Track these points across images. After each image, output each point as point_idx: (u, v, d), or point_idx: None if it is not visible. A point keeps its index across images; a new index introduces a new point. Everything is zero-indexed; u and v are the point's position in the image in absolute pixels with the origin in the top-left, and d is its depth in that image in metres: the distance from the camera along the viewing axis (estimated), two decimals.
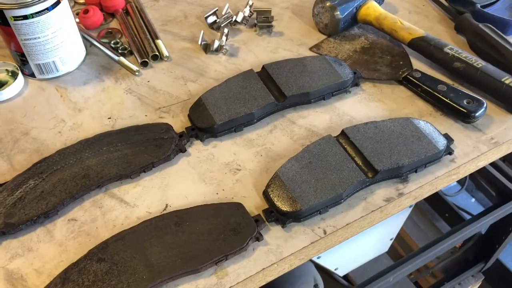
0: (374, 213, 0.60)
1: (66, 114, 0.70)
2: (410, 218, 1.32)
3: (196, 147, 0.66)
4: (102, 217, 0.59)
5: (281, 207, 0.57)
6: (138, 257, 0.53)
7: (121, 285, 0.51)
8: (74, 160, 0.62)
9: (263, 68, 0.73)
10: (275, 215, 0.58)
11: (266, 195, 0.59)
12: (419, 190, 0.63)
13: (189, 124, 0.68)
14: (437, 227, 1.48)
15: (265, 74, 0.72)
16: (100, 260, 0.53)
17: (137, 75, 0.76)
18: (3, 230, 0.56)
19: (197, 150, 0.66)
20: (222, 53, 0.80)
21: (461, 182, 1.45)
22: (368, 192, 0.61)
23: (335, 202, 0.59)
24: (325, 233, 0.57)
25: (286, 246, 0.56)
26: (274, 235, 0.57)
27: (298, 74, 0.71)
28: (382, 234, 1.11)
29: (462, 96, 0.69)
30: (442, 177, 0.64)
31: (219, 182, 0.62)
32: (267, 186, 0.59)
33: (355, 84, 0.74)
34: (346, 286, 1.07)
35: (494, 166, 1.08)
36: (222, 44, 0.80)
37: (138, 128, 0.66)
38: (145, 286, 0.51)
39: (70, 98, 0.73)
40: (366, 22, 0.82)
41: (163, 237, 0.55)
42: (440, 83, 0.72)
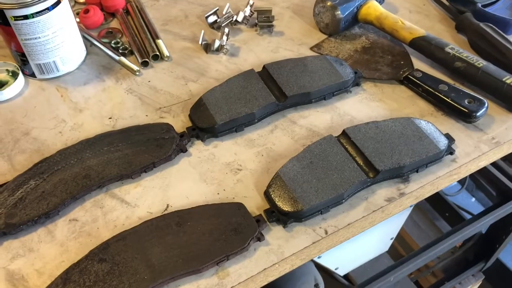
0: (376, 213, 0.60)
1: (66, 114, 0.70)
2: (410, 217, 1.32)
3: (197, 147, 0.66)
4: (103, 217, 0.59)
5: (282, 207, 0.57)
6: (139, 257, 0.53)
7: (122, 285, 0.51)
8: (75, 160, 0.62)
9: (264, 68, 0.73)
10: (276, 215, 0.58)
11: (267, 195, 0.59)
12: (420, 190, 0.62)
13: (190, 124, 0.68)
14: (437, 227, 1.49)
15: (266, 74, 0.72)
16: (101, 260, 0.53)
17: (137, 75, 0.76)
18: (4, 230, 0.56)
19: (198, 150, 0.66)
20: (222, 53, 0.80)
21: (461, 182, 1.45)
22: (369, 192, 0.61)
23: (337, 202, 0.59)
24: (326, 233, 0.57)
25: (288, 246, 0.56)
26: (275, 235, 0.57)
27: (299, 74, 0.71)
28: (382, 234, 1.11)
29: (463, 95, 0.69)
30: (443, 177, 0.64)
31: (220, 182, 0.62)
32: (268, 186, 0.59)
33: (356, 84, 0.74)
34: (346, 286, 1.07)
35: (495, 165, 1.08)
36: (222, 43, 0.79)
37: (139, 128, 0.66)
38: (146, 286, 0.51)
39: (71, 98, 0.73)
40: (367, 22, 0.82)
41: (164, 237, 0.55)
42: (441, 83, 0.71)
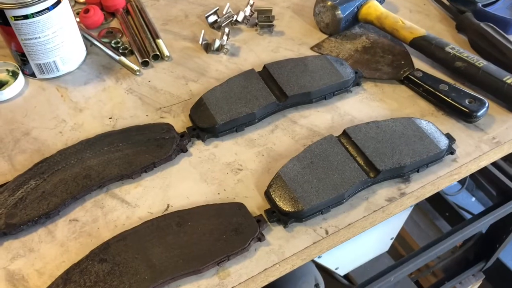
0: (376, 213, 0.60)
1: (67, 114, 0.70)
2: (410, 217, 1.32)
3: (197, 147, 0.66)
4: (103, 217, 0.58)
5: (283, 207, 0.57)
6: (140, 257, 0.53)
7: (123, 285, 0.51)
8: (75, 160, 0.62)
9: (264, 67, 0.72)
10: (277, 215, 0.57)
11: (268, 195, 0.59)
12: (421, 190, 0.62)
13: (190, 124, 0.68)
14: (437, 226, 1.49)
15: (266, 73, 0.72)
16: (101, 260, 0.53)
17: (138, 75, 0.76)
18: (4, 230, 0.56)
19: (198, 150, 0.66)
20: (223, 52, 0.80)
21: (461, 181, 1.45)
22: (370, 192, 0.61)
23: (337, 202, 0.59)
24: (327, 233, 0.57)
25: (288, 246, 0.56)
26: (276, 235, 0.57)
27: (299, 74, 0.71)
28: (382, 234, 1.11)
29: (463, 95, 0.69)
30: (444, 177, 0.64)
31: (221, 182, 0.62)
32: (269, 186, 0.59)
33: (357, 83, 0.74)
34: (347, 286, 1.07)
35: (495, 165, 1.08)
36: (223, 43, 0.79)
37: (139, 128, 0.66)
38: (147, 286, 0.51)
39: (71, 98, 0.73)
40: (367, 22, 0.82)
41: (165, 237, 0.55)
42: (441, 83, 0.71)
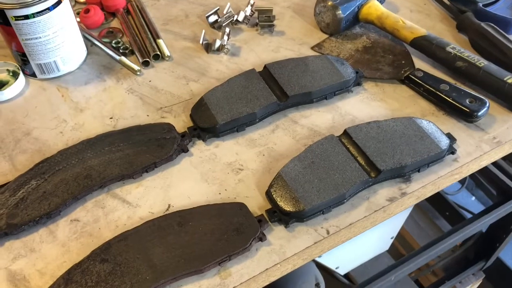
0: (377, 213, 0.60)
1: (67, 114, 0.70)
2: (410, 216, 1.32)
3: (198, 147, 0.66)
4: (104, 217, 0.59)
5: (284, 207, 0.57)
6: (141, 257, 0.53)
7: (124, 285, 0.51)
8: (76, 160, 0.62)
9: (265, 67, 0.72)
10: (278, 215, 0.58)
11: (269, 195, 0.59)
12: (422, 189, 0.62)
13: (191, 124, 0.68)
14: (437, 226, 1.49)
15: (267, 73, 0.72)
16: (103, 260, 0.53)
17: (138, 75, 0.76)
18: (6, 230, 0.56)
19: (199, 150, 0.66)
20: (223, 52, 0.80)
21: (461, 181, 1.45)
22: (371, 192, 0.61)
23: (338, 202, 0.59)
24: (328, 233, 0.57)
25: (289, 246, 0.56)
26: (277, 235, 0.57)
27: (300, 74, 0.71)
28: (383, 233, 1.11)
29: (464, 95, 0.69)
30: (445, 176, 0.64)
31: (222, 182, 0.62)
32: (270, 186, 0.59)
33: (357, 83, 0.74)
34: (347, 285, 1.08)
35: (495, 164, 1.08)
36: (223, 43, 0.79)
37: (140, 128, 0.66)
38: (148, 286, 0.51)
39: (72, 98, 0.73)
40: (368, 21, 0.82)
41: (166, 237, 0.55)
42: (442, 83, 0.71)
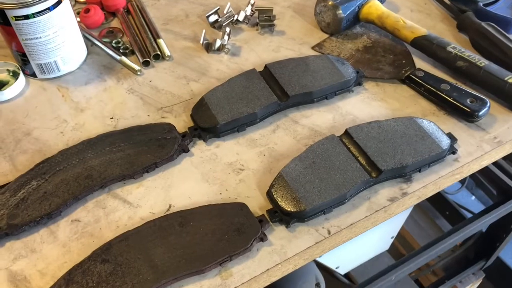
0: (378, 213, 0.60)
1: (68, 114, 0.70)
2: (410, 216, 1.32)
3: (199, 147, 0.66)
4: (105, 217, 0.58)
5: (285, 207, 0.57)
6: (142, 258, 0.53)
7: (125, 286, 0.51)
8: (77, 160, 0.62)
9: (266, 67, 0.72)
10: (279, 215, 0.57)
11: (269, 195, 0.59)
12: (423, 189, 0.62)
13: (191, 124, 0.68)
14: (437, 225, 1.49)
15: (267, 73, 0.72)
16: (104, 261, 0.53)
17: (139, 75, 0.76)
18: (6, 231, 0.55)
19: (200, 150, 0.66)
20: (224, 52, 0.80)
21: (461, 180, 1.44)
22: (372, 192, 0.61)
23: (339, 202, 0.59)
24: (329, 233, 0.57)
25: (290, 246, 0.56)
26: (278, 235, 0.57)
27: (300, 74, 0.71)
28: (383, 233, 1.11)
29: (465, 95, 0.69)
30: (445, 176, 0.64)
31: (223, 182, 0.62)
32: (271, 186, 0.59)
33: (358, 83, 0.74)
34: (347, 285, 1.08)
35: (495, 164, 1.08)
36: (224, 43, 0.79)
37: (140, 128, 0.66)
38: (149, 287, 0.51)
39: (72, 98, 0.73)
40: (368, 21, 0.82)
41: (167, 237, 0.55)
42: (443, 82, 0.71)
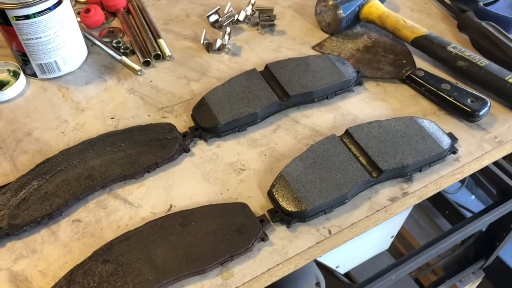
0: (379, 212, 0.60)
1: (68, 114, 0.70)
2: (410, 215, 1.32)
3: (199, 147, 0.66)
4: (106, 218, 0.58)
5: (286, 207, 0.57)
6: (143, 258, 0.53)
7: (126, 286, 0.51)
8: (78, 160, 0.62)
9: (266, 67, 0.72)
10: (280, 215, 0.58)
11: (270, 195, 0.59)
12: (424, 189, 0.63)
13: (192, 124, 0.68)
14: (437, 225, 1.49)
15: (268, 73, 0.72)
16: (105, 261, 0.53)
17: (139, 75, 0.76)
18: (7, 231, 0.55)
19: (200, 150, 0.66)
20: (224, 52, 0.80)
21: (461, 180, 1.44)
22: (372, 191, 0.61)
23: (340, 202, 0.59)
24: (330, 233, 0.57)
25: (291, 246, 0.56)
26: (279, 235, 0.57)
27: (301, 73, 0.71)
28: (383, 232, 1.11)
29: (466, 95, 0.69)
30: (446, 176, 0.64)
31: (223, 182, 0.62)
32: (272, 186, 0.59)
33: (358, 83, 0.74)
34: (347, 284, 1.08)
35: (495, 163, 1.08)
36: (224, 43, 0.79)
37: (141, 128, 0.66)
38: (150, 287, 0.51)
39: (73, 98, 0.73)
40: (369, 21, 0.82)
41: (168, 237, 0.55)
42: (443, 82, 0.71)
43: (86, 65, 0.78)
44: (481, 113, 0.67)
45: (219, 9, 0.85)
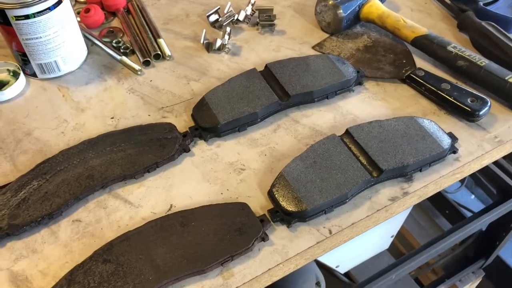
0: (379, 212, 0.60)
1: (68, 114, 0.70)
2: (410, 215, 1.32)
3: (200, 147, 0.66)
4: (106, 217, 0.58)
5: (286, 207, 0.57)
6: (144, 258, 0.53)
7: (127, 286, 0.51)
8: (78, 160, 0.62)
9: (266, 67, 0.72)
10: (280, 215, 0.57)
11: (271, 195, 0.59)
12: (424, 189, 0.63)
13: (192, 123, 0.68)
14: (437, 224, 1.49)
15: (268, 73, 0.72)
16: (105, 261, 0.53)
17: (139, 75, 0.76)
18: (7, 231, 0.55)
19: (201, 150, 0.66)
20: (224, 52, 0.80)
21: (461, 179, 1.45)
22: (373, 191, 0.61)
23: (340, 201, 0.59)
24: (330, 232, 0.57)
25: (292, 246, 0.56)
26: (280, 235, 0.57)
27: (301, 73, 0.71)
28: (383, 232, 1.11)
29: (466, 94, 0.69)
30: (446, 176, 0.64)
31: (224, 182, 0.62)
32: (272, 186, 0.59)
33: (359, 83, 0.74)
34: (347, 284, 1.08)
35: (495, 163, 1.08)
36: (224, 43, 0.79)
37: (141, 128, 0.66)
38: (151, 287, 0.51)
39: (73, 98, 0.72)
40: (369, 21, 0.82)
41: (169, 237, 0.55)
42: (443, 82, 0.71)
43: (86, 65, 0.78)
44: (481, 112, 0.67)
45: (219, 9, 0.85)
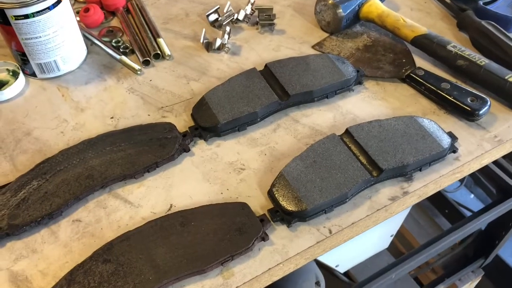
0: (379, 212, 0.60)
1: (68, 114, 0.70)
2: (410, 214, 1.32)
3: (199, 147, 0.66)
4: (106, 217, 0.58)
5: (286, 207, 0.57)
6: (144, 257, 0.53)
7: (127, 286, 0.51)
8: (78, 160, 0.62)
9: (266, 66, 0.72)
10: (280, 215, 0.57)
11: (271, 195, 0.59)
12: (424, 188, 0.63)
13: (192, 123, 0.68)
14: (437, 224, 1.49)
15: (268, 72, 0.72)
16: (105, 261, 0.53)
17: (139, 74, 0.76)
18: (7, 231, 0.55)
19: (200, 149, 0.66)
20: (224, 51, 0.80)
21: (460, 179, 1.45)
22: (373, 191, 0.61)
23: (340, 201, 0.59)
24: (330, 232, 0.57)
25: (292, 245, 0.56)
26: (280, 235, 0.57)
27: (301, 73, 0.71)
28: (382, 231, 1.11)
29: (465, 94, 0.69)
30: (446, 175, 0.64)
31: (224, 181, 0.62)
32: (272, 185, 0.59)
33: (358, 82, 0.74)
34: (347, 283, 1.08)
35: (494, 162, 1.08)
36: (224, 42, 0.79)
37: (141, 127, 0.66)
38: (151, 287, 0.51)
39: (72, 98, 0.72)
40: (369, 20, 0.82)
41: (169, 237, 0.55)
42: (443, 81, 0.71)
43: (85, 64, 0.78)
44: (481, 112, 0.67)
45: (219, 8, 0.85)
